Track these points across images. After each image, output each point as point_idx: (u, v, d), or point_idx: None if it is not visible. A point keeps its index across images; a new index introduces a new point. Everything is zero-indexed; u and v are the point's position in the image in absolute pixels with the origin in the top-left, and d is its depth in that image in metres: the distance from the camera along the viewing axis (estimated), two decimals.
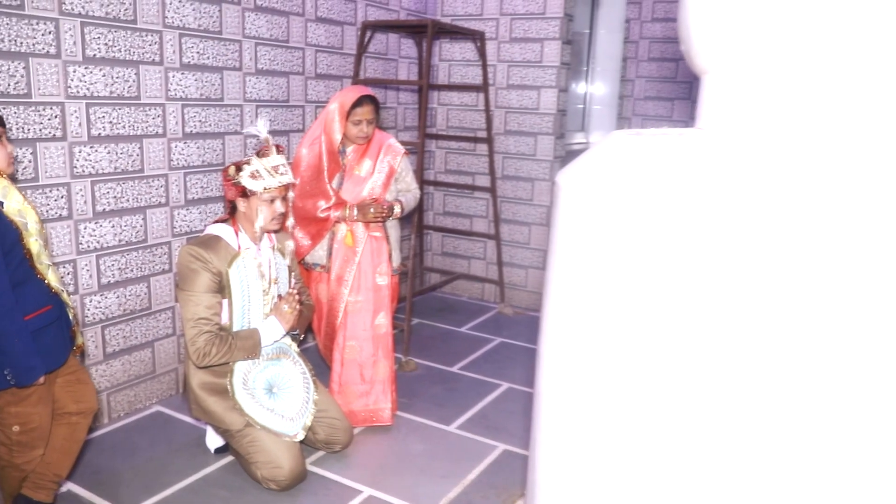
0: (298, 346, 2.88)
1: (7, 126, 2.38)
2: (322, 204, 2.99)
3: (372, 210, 2.98)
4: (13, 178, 2.19)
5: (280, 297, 2.73)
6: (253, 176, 2.49)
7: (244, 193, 2.54)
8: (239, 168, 2.51)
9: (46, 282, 2.14)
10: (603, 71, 6.15)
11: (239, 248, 2.58)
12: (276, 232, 2.72)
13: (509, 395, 3.52)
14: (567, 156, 5.09)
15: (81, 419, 2.38)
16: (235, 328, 2.61)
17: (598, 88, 6.19)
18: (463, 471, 2.82)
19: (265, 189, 2.51)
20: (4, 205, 2.03)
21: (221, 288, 2.55)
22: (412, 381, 3.65)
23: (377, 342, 3.12)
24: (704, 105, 1.51)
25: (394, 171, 3.08)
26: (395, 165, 3.09)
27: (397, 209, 3.07)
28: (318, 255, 3.11)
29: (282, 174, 2.55)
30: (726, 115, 1.40)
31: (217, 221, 2.67)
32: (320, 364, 3.48)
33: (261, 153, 2.54)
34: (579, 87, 6.03)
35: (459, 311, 4.92)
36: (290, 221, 2.77)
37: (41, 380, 2.12)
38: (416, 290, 4.84)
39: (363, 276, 3.07)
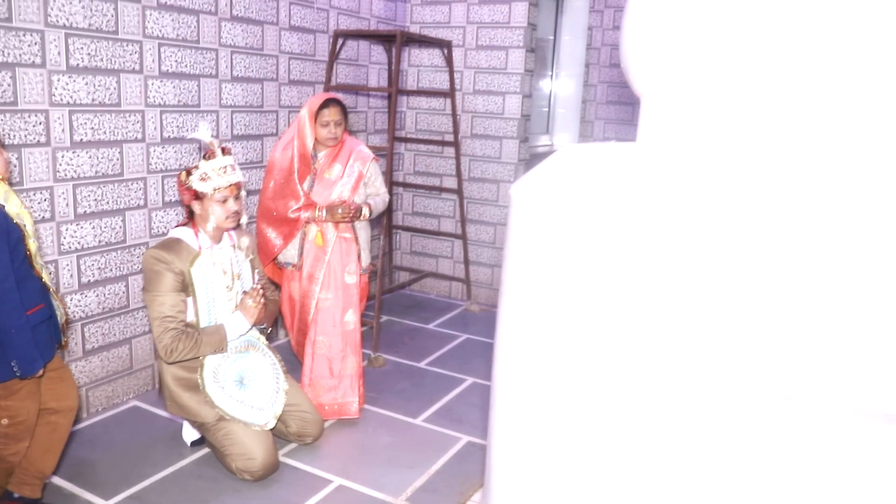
0: (267, 339, 3.04)
1: None
2: (293, 204, 3.14)
3: (340, 211, 3.14)
4: (10, 183, 2.32)
5: (245, 292, 2.88)
6: (202, 178, 2.65)
7: (197, 196, 2.69)
8: (189, 173, 2.67)
9: (42, 280, 2.28)
10: (567, 76, 6.36)
11: (199, 248, 2.73)
12: (233, 229, 2.86)
13: (474, 390, 3.71)
14: (531, 159, 5.29)
15: (61, 418, 2.50)
16: (202, 325, 2.74)
17: (562, 92, 6.40)
18: (428, 461, 3.00)
19: (215, 189, 2.67)
20: (6, 207, 2.17)
21: (185, 287, 2.69)
22: (381, 377, 3.83)
23: (346, 338, 3.28)
24: (642, 124, 1.71)
25: (362, 175, 3.24)
26: (363, 171, 3.25)
27: (365, 211, 3.23)
28: (289, 254, 3.26)
29: (229, 174, 2.70)
30: (660, 133, 1.60)
31: (178, 226, 2.82)
32: (293, 360, 3.64)
33: (207, 156, 2.69)
34: (544, 91, 6.23)
35: (428, 308, 5.10)
36: (245, 219, 2.90)
37: (40, 372, 2.27)
38: (385, 287, 5.01)
39: (333, 274, 3.23)
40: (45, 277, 2.32)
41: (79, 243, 3.06)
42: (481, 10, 4.98)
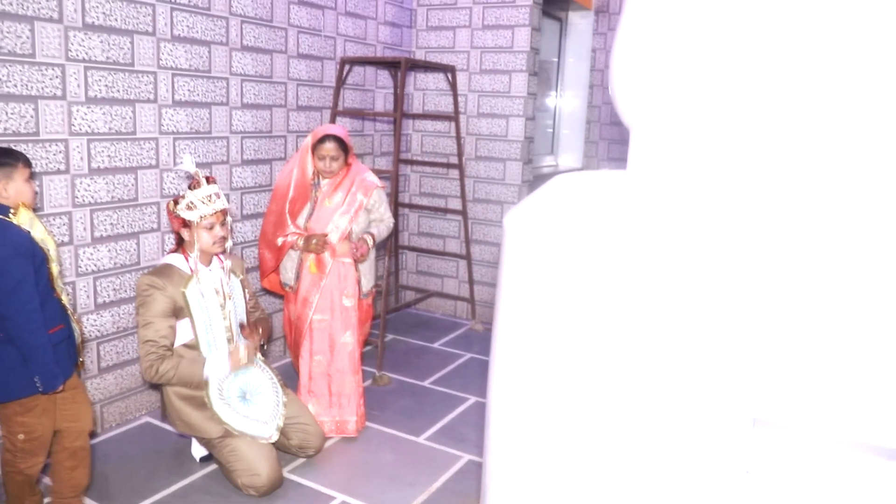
0: (263, 355, 3.20)
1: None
2: (279, 235, 3.31)
3: (314, 242, 3.24)
4: (34, 211, 2.47)
5: (242, 326, 3.03)
6: (189, 207, 2.80)
7: (185, 223, 2.83)
8: (176, 202, 2.81)
9: (62, 302, 2.42)
10: (571, 97, 6.48)
11: (192, 271, 2.86)
12: (221, 253, 2.98)
13: (476, 408, 3.80)
14: (535, 180, 5.40)
15: (76, 440, 2.61)
16: (201, 342, 2.87)
17: (566, 114, 6.52)
18: (429, 479, 3.09)
19: (201, 217, 2.81)
20: (31, 233, 2.33)
21: (178, 311, 2.82)
22: (385, 395, 3.93)
23: (343, 358, 3.38)
24: (631, 154, 1.81)
25: (362, 205, 3.34)
26: (365, 201, 3.35)
27: (369, 240, 3.36)
28: (288, 276, 3.39)
29: (214, 202, 2.84)
30: (648, 164, 1.69)
31: (169, 253, 2.96)
32: (294, 375, 3.73)
33: (192, 186, 2.83)
34: (548, 113, 6.35)
35: (433, 327, 5.20)
36: (230, 244, 3.01)
37: (61, 387, 2.40)
38: (391, 307, 5.12)
39: (329, 297, 3.34)
40: (65, 299, 2.46)
41: (95, 265, 3.19)
42: (485, 35, 5.11)
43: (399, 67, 4.44)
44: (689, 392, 1.32)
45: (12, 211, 2.31)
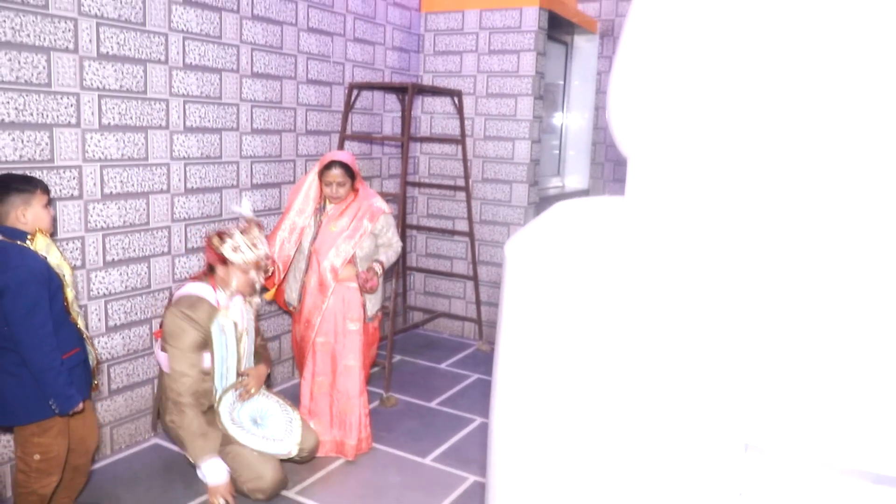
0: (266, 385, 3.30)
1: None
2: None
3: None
4: (52, 237, 2.55)
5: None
6: (234, 249, 2.88)
7: (224, 261, 2.90)
8: (222, 239, 2.88)
9: (78, 326, 2.49)
10: (577, 119, 6.54)
11: (217, 304, 2.93)
12: (248, 295, 3.08)
13: (482, 430, 3.83)
14: (541, 202, 5.45)
15: (80, 458, 2.71)
16: (216, 373, 2.94)
17: (572, 135, 6.58)
18: (435, 501, 3.11)
19: (244, 262, 2.90)
20: (47, 258, 2.41)
21: (204, 344, 2.90)
22: (392, 416, 3.96)
23: (346, 381, 3.41)
24: (629, 182, 1.85)
25: (368, 231, 3.39)
26: (370, 227, 3.39)
27: (378, 269, 3.40)
28: (292, 295, 3.45)
29: (259, 247, 2.93)
30: (645, 193, 1.73)
31: (195, 278, 3.03)
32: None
33: (244, 230, 2.92)
34: (554, 135, 6.41)
35: (440, 347, 5.23)
36: (258, 285, 3.10)
37: (80, 406, 2.47)
38: (399, 328, 5.16)
39: (332, 321, 3.38)
40: (80, 323, 2.52)
41: (107, 289, 3.25)
42: (491, 59, 5.19)
43: (406, 92, 4.51)
44: (683, 417, 1.35)
45: (30, 237, 2.39)
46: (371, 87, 4.67)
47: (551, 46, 5.89)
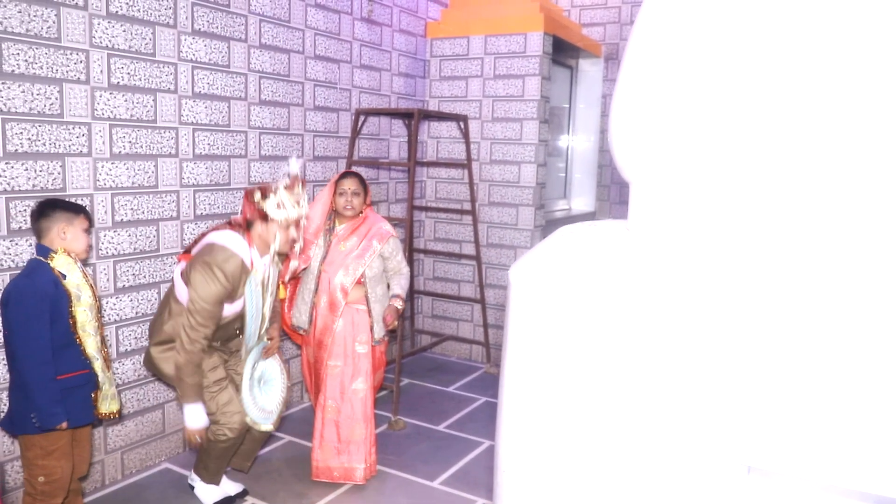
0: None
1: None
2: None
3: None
4: (85, 262, 2.63)
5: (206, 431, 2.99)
6: (278, 206, 2.81)
7: (265, 217, 2.83)
8: (265, 195, 2.81)
9: (82, 348, 2.52)
10: (583, 142, 6.58)
11: (252, 264, 2.88)
12: (289, 252, 3.09)
13: (491, 453, 3.82)
14: (548, 224, 5.48)
15: (72, 483, 2.72)
16: (248, 327, 3.00)
17: (578, 158, 6.61)
18: None
19: (286, 219, 2.83)
20: (67, 277, 2.48)
21: (232, 297, 2.84)
22: (400, 440, 3.96)
23: (354, 405, 3.42)
24: (632, 207, 1.88)
25: (377, 252, 3.42)
26: (379, 248, 3.43)
27: (399, 305, 3.46)
28: (301, 319, 3.46)
29: (301, 207, 2.89)
30: (648, 217, 1.75)
31: (230, 229, 2.89)
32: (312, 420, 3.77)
33: (288, 187, 2.84)
34: (560, 158, 6.45)
35: (448, 370, 5.24)
36: (298, 247, 3.09)
37: (63, 425, 2.49)
38: (406, 351, 5.17)
39: (343, 342, 3.40)
40: (89, 346, 2.55)
41: (118, 315, 3.28)
42: (496, 84, 5.25)
43: (413, 117, 4.57)
44: (686, 439, 1.36)
45: (53, 253, 2.48)
46: (378, 112, 4.73)
47: (556, 70, 5.95)
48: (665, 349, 1.42)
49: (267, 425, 3.13)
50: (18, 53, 2.79)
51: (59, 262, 2.49)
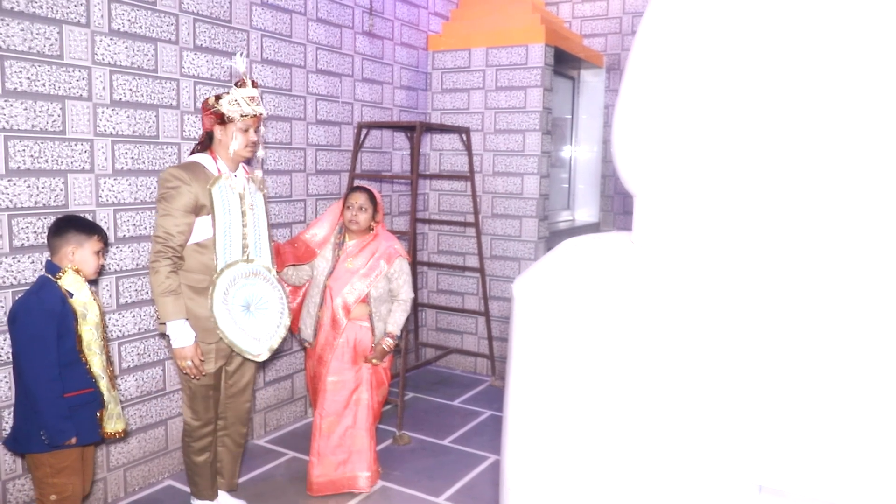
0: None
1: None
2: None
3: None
4: (94, 282, 2.62)
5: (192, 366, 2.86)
6: (231, 103, 2.81)
7: (222, 121, 2.83)
8: (218, 98, 2.83)
9: (87, 367, 2.51)
10: (585, 152, 6.57)
11: (219, 172, 2.86)
12: (247, 160, 2.99)
13: (496, 467, 3.79)
14: (552, 236, 5.46)
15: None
16: (219, 243, 2.82)
17: (581, 169, 6.60)
18: None
19: (241, 116, 2.82)
20: (74, 296, 2.49)
21: (199, 208, 2.78)
22: (405, 454, 3.93)
23: (358, 414, 3.40)
24: (636, 219, 1.87)
25: (383, 273, 3.40)
26: (386, 269, 3.40)
27: (388, 344, 3.40)
28: (307, 332, 3.44)
29: (256, 104, 2.87)
30: (651, 229, 1.74)
31: (194, 152, 2.94)
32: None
33: (239, 84, 2.85)
34: (563, 169, 6.44)
35: (453, 384, 5.21)
36: (262, 152, 3.03)
37: (73, 441, 2.48)
38: (411, 364, 5.15)
39: (341, 359, 3.37)
40: (95, 364, 2.54)
41: (120, 331, 3.27)
42: (498, 96, 5.25)
43: (415, 130, 4.56)
44: (695, 458, 1.34)
45: (61, 273, 2.48)
46: (380, 126, 4.73)
47: (558, 81, 5.95)
48: (673, 364, 1.40)
49: (258, 352, 2.95)
50: (21, 71, 2.80)
51: (67, 281, 2.49)
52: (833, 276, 1.36)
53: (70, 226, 2.55)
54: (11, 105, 2.78)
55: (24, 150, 2.83)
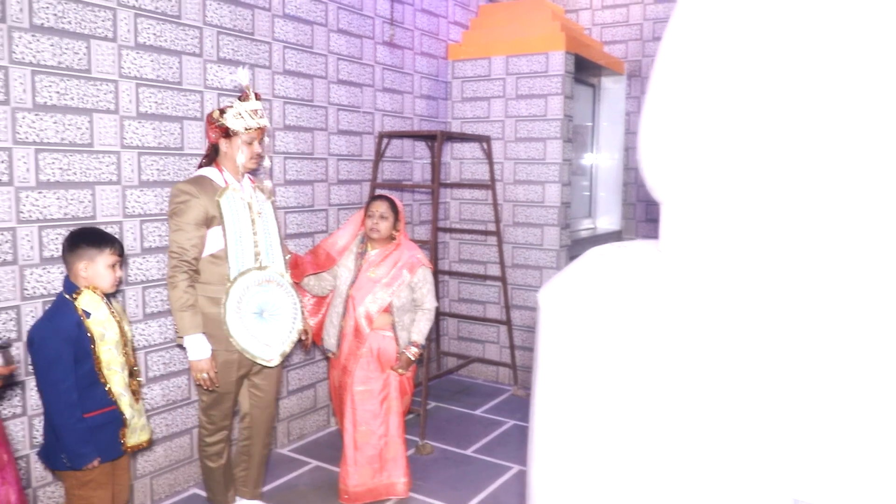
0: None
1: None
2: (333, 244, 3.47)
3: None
4: (112, 296, 2.61)
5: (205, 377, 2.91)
6: (236, 116, 2.87)
7: (227, 134, 2.90)
8: (223, 111, 2.89)
9: (107, 387, 2.50)
10: (607, 160, 6.55)
11: (226, 183, 2.92)
12: (253, 171, 3.04)
13: (520, 478, 3.77)
14: (573, 244, 5.44)
15: None
16: (231, 252, 2.87)
17: (603, 176, 6.58)
18: None
19: (246, 129, 2.88)
20: (91, 316, 2.46)
21: (210, 220, 2.84)
22: (428, 464, 3.92)
23: (387, 422, 3.40)
24: (663, 227, 1.85)
25: (406, 282, 3.40)
26: (409, 278, 3.40)
27: (411, 356, 3.39)
28: (330, 342, 3.45)
29: (260, 117, 2.93)
30: (680, 238, 1.73)
31: (200, 167, 3.01)
32: (339, 444, 3.75)
33: (242, 98, 2.90)
34: (584, 177, 6.42)
35: (475, 393, 5.20)
36: (268, 163, 3.08)
37: (94, 463, 2.48)
38: (432, 374, 5.14)
39: (367, 368, 3.37)
40: (115, 384, 2.52)
41: (146, 341, 3.30)
42: (518, 104, 5.25)
43: (435, 139, 4.58)
44: (729, 472, 1.33)
45: (76, 293, 2.46)
46: (400, 135, 4.75)
47: (578, 88, 5.95)
48: (706, 376, 1.38)
49: (269, 358, 2.99)
50: (51, 85, 2.84)
51: (84, 301, 2.46)
52: (882, 286, 1.34)
53: (80, 240, 2.52)
54: (41, 119, 2.82)
55: (53, 162, 2.87)
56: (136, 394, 2.63)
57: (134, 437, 2.64)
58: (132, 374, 2.63)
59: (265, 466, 3.35)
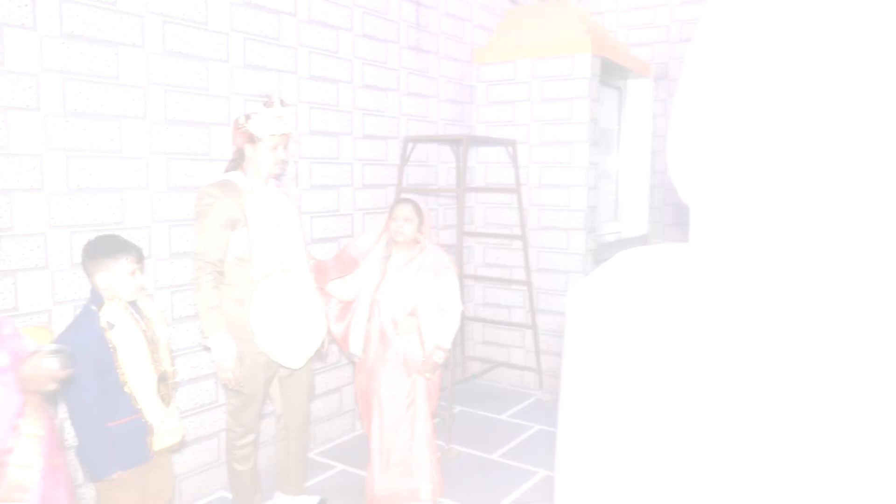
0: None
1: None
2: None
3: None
4: (141, 301, 2.63)
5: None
6: (261, 122, 2.90)
7: (252, 139, 2.92)
8: (248, 117, 2.92)
9: (132, 396, 2.52)
10: (633, 163, 6.50)
11: (251, 187, 2.93)
12: (277, 175, 3.07)
13: (546, 483, 3.74)
14: (599, 249, 5.40)
15: None
16: (256, 255, 2.90)
17: (629, 180, 6.53)
18: None
19: (270, 135, 2.91)
20: (115, 326, 2.46)
21: (234, 222, 2.86)
22: (454, 468, 3.91)
23: (413, 427, 3.38)
24: (692, 232, 1.82)
25: (429, 285, 3.38)
26: (432, 282, 3.38)
27: (438, 359, 3.35)
28: (356, 346, 3.45)
29: (284, 123, 2.95)
30: (710, 243, 1.70)
31: (226, 171, 3.04)
32: (366, 447, 3.75)
33: (267, 104, 2.92)
34: (610, 180, 6.38)
35: (500, 398, 5.17)
36: (292, 168, 3.06)
37: (115, 476, 2.49)
38: (458, 378, 5.13)
39: (393, 373, 3.37)
40: (142, 394, 2.53)
41: (175, 344, 3.33)
42: (544, 108, 5.23)
43: (461, 143, 4.57)
44: (770, 485, 1.30)
45: (98, 304, 2.47)
46: (426, 139, 4.75)
47: (604, 91, 5.91)
48: (742, 383, 1.36)
49: (292, 360, 3.02)
50: (81, 92, 2.89)
51: (108, 312, 2.47)
52: None
53: (95, 251, 2.52)
54: (72, 126, 2.87)
55: (83, 168, 2.92)
56: (165, 399, 2.63)
57: (162, 441, 2.66)
58: (164, 377, 2.63)
59: (305, 463, 3.39)
